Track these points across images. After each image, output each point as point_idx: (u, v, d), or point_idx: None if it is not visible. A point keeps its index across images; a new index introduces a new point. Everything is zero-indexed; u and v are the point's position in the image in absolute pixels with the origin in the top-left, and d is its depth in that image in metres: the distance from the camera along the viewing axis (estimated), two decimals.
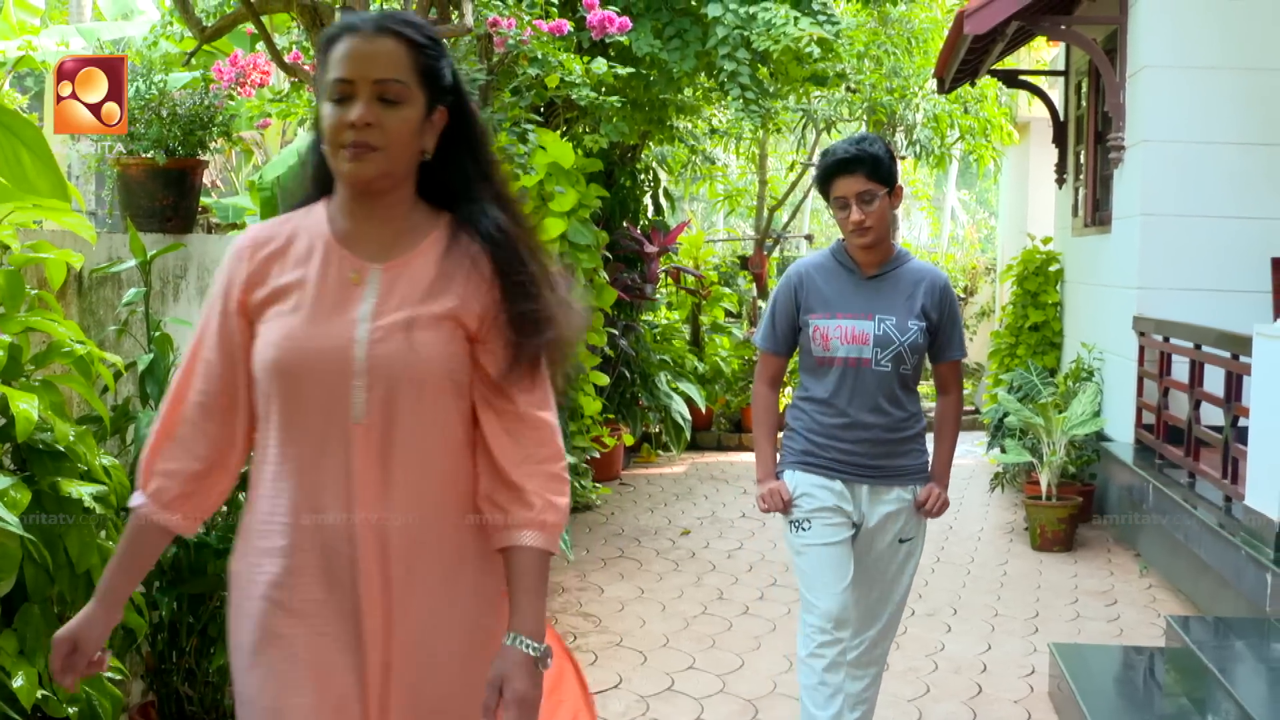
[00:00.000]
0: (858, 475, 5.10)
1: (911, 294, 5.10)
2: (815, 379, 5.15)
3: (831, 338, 5.03)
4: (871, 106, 17.47)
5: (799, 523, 5.13)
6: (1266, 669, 6.55)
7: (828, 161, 4.99)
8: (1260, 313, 10.01)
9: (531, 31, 8.56)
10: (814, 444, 5.13)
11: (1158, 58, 10.80)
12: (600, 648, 7.63)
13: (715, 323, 16.26)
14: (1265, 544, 7.35)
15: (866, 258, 5.09)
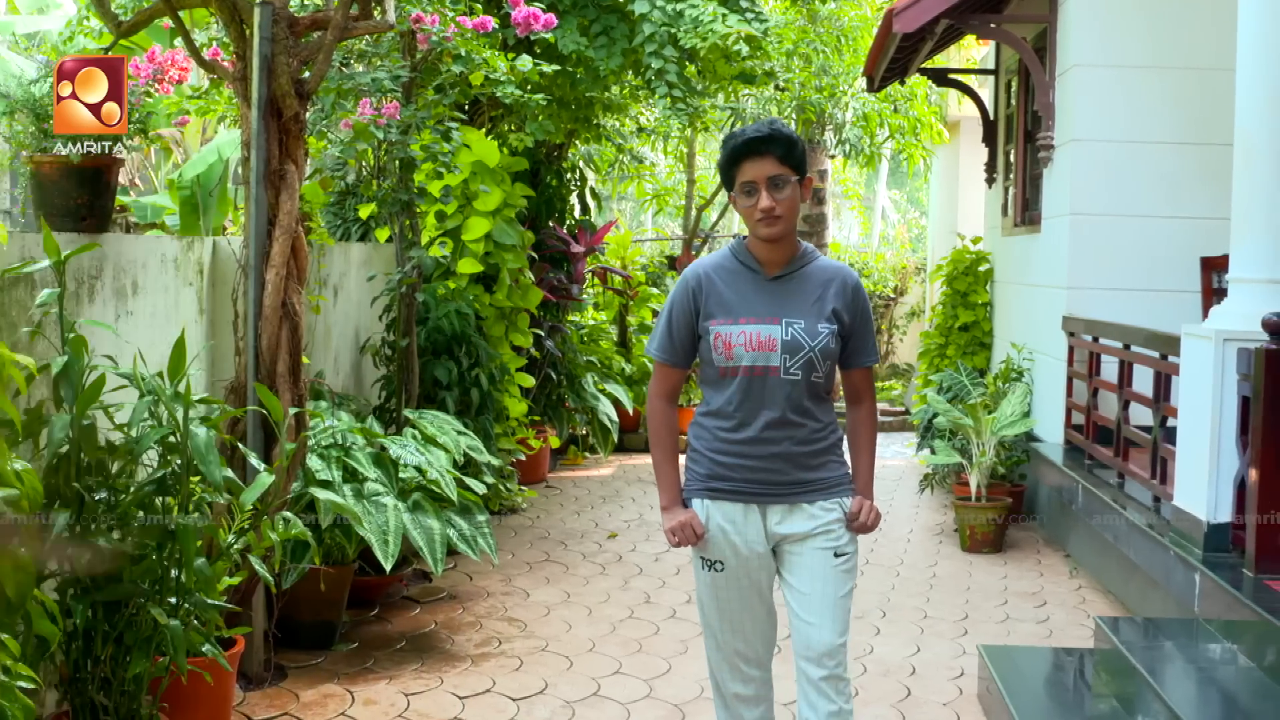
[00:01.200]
0: (772, 496, 4.66)
1: (821, 295, 4.67)
2: (717, 391, 4.69)
3: (735, 345, 4.57)
4: (800, 105, 17.46)
5: (710, 562, 4.72)
6: (1195, 670, 6.51)
7: (736, 142, 4.54)
8: (1189, 312, 10.01)
9: (455, 28, 8.45)
10: (720, 465, 4.67)
11: (1087, 57, 10.79)
12: (526, 653, 7.52)
13: (643, 323, 16.17)
14: (1194, 544, 7.32)
15: (771, 255, 4.65)
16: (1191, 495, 7.48)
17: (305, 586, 7.03)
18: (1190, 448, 7.56)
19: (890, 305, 23.81)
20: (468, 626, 8.00)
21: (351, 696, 6.70)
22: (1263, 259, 7.31)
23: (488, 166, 10.46)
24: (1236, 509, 7.16)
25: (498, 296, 10.92)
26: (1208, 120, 10.27)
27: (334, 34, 6.81)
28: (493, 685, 6.94)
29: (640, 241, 21.04)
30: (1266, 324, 6.79)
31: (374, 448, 7.70)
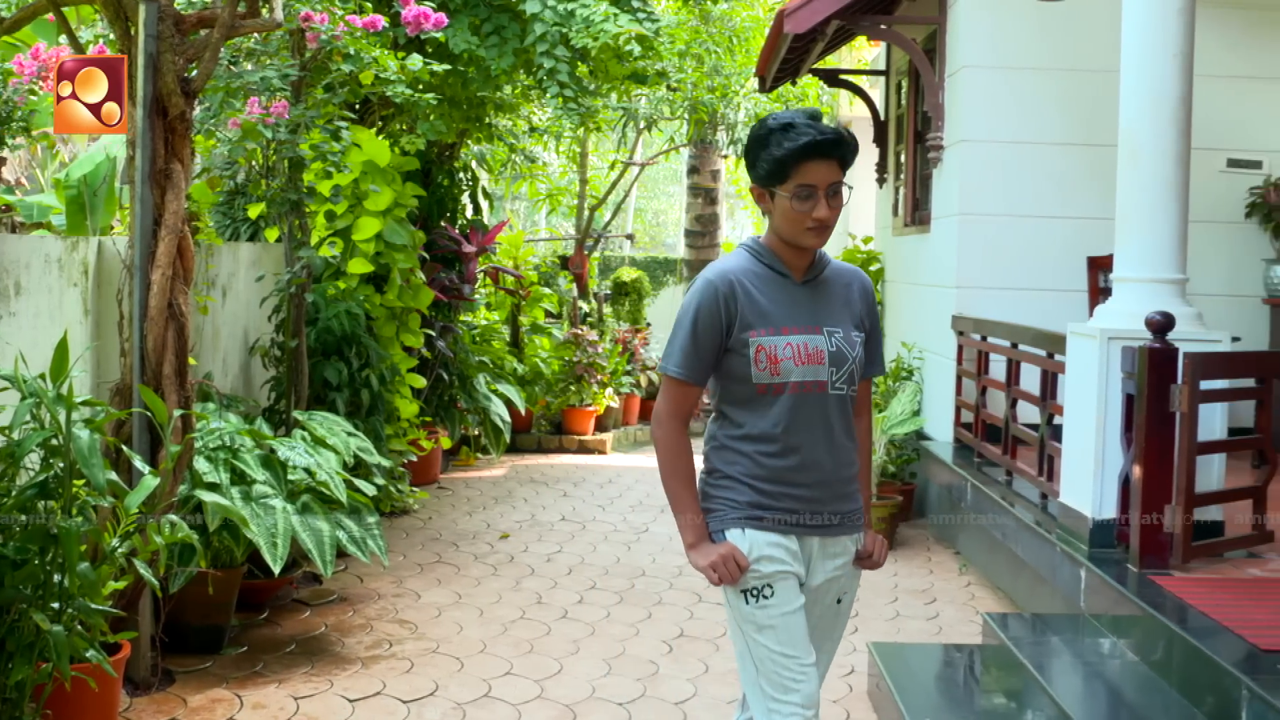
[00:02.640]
0: (812, 528, 4.19)
1: (846, 299, 4.26)
2: (755, 413, 4.14)
3: (782, 359, 4.07)
4: (693, 105, 17.51)
5: (757, 590, 4.13)
6: (1081, 665, 6.58)
7: (804, 140, 4.00)
8: (1077, 311, 10.13)
9: (345, 27, 8.39)
10: (763, 493, 4.14)
11: (976, 58, 10.89)
12: (416, 654, 7.48)
13: (535, 323, 16.16)
14: (1080, 540, 7.40)
15: (798, 258, 4.19)
16: (1077, 492, 7.57)
17: (193, 590, 6.96)
18: (1076, 445, 7.66)
19: None
20: (358, 629, 7.95)
21: (240, 700, 6.63)
22: (1145, 259, 7.42)
23: (378, 166, 10.40)
24: (1121, 506, 7.25)
25: (388, 297, 10.86)
26: (1095, 121, 10.40)
27: (221, 32, 6.75)
28: (383, 688, 6.90)
29: (533, 241, 21.02)
30: (1150, 323, 6.88)
31: (263, 449, 7.64)
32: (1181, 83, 7.41)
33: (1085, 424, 7.48)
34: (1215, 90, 10.54)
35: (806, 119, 4.06)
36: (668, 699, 6.88)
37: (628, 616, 8.42)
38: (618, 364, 16.39)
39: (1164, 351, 6.89)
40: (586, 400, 15.73)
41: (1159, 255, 7.41)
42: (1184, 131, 7.45)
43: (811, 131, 4.01)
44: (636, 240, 31.20)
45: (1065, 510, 7.72)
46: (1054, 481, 8.24)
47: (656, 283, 24.07)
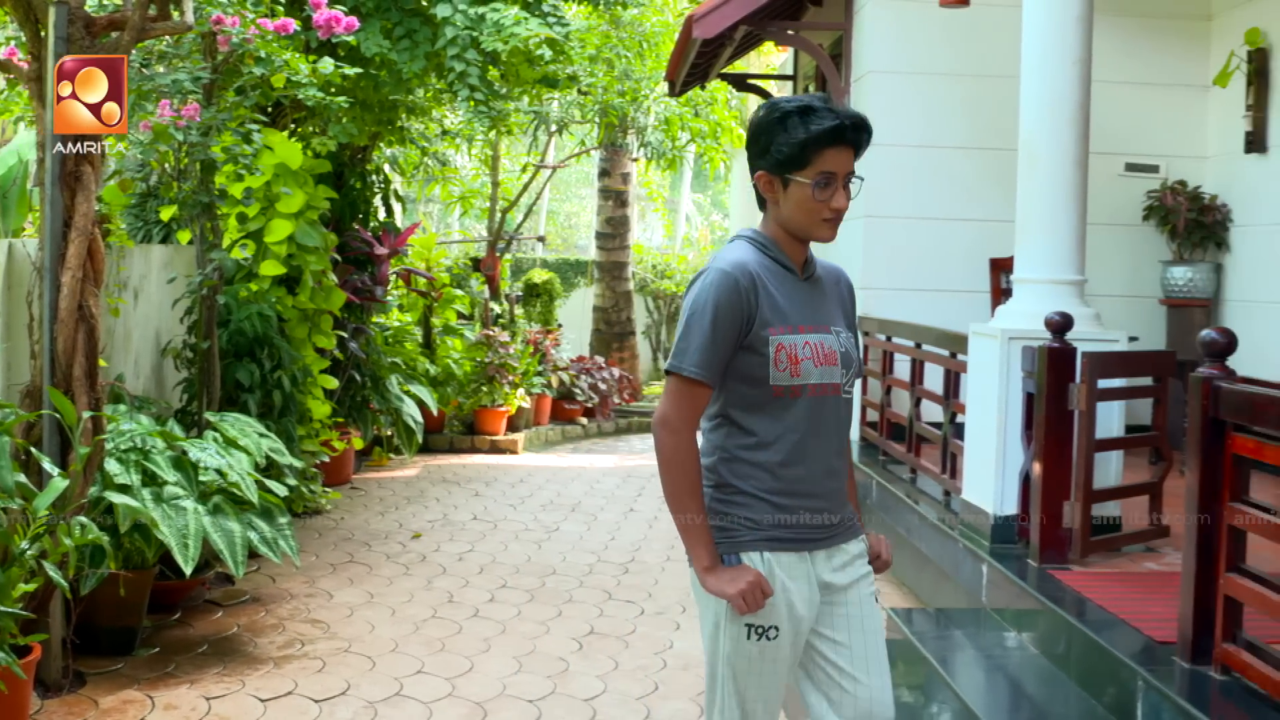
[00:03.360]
0: (821, 541, 3.88)
1: (839, 298, 4.01)
2: (768, 417, 3.78)
3: (802, 359, 3.74)
4: (603, 109, 17.58)
5: (763, 629, 3.80)
6: (983, 658, 6.72)
7: (827, 124, 3.70)
8: (980, 312, 10.29)
9: (256, 30, 8.42)
10: (782, 509, 3.80)
11: (881, 63, 11.05)
12: (328, 654, 7.52)
13: (447, 325, 16.18)
14: (982, 536, 7.55)
15: (799, 254, 3.89)
16: (979, 489, 7.72)
17: (104, 592, 6.96)
18: (978, 443, 7.81)
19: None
20: (270, 629, 7.98)
21: (152, 702, 6.65)
22: (1045, 260, 7.57)
23: (290, 169, 10.42)
24: (1022, 502, 7.41)
25: (300, 298, 10.88)
26: (997, 126, 10.56)
27: (131, 35, 6.77)
28: (295, 687, 6.93)
29: (445, 243, 21.02)
30: (1049, 323, 7.04)
31: (174, 451, 7.65)
32: (1080, 89, 7.57)
33: (987, 422, 7.63)
34: (1114, 96, 10.75)
35: (822, 102, 3.76)
36: (578, 696, 6.96)
37: (538, 614, 8.49)
38: (529, 365, 16.44)
39: (1063, 351, 7.04)
40: (498, 401, 15.78)
41: (1058, 257, 7.57)
42: (1082, 136, 7.61)
43: (835, 115, 3.73)
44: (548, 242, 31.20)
45: (968, 507, 7.87)
46: (957, 479, 8.38)
47: (568, 284, 24.14)
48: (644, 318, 24.08)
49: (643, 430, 18.93)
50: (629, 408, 19.56)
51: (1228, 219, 10.94)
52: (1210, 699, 5.09)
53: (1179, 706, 5.06)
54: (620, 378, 19.26)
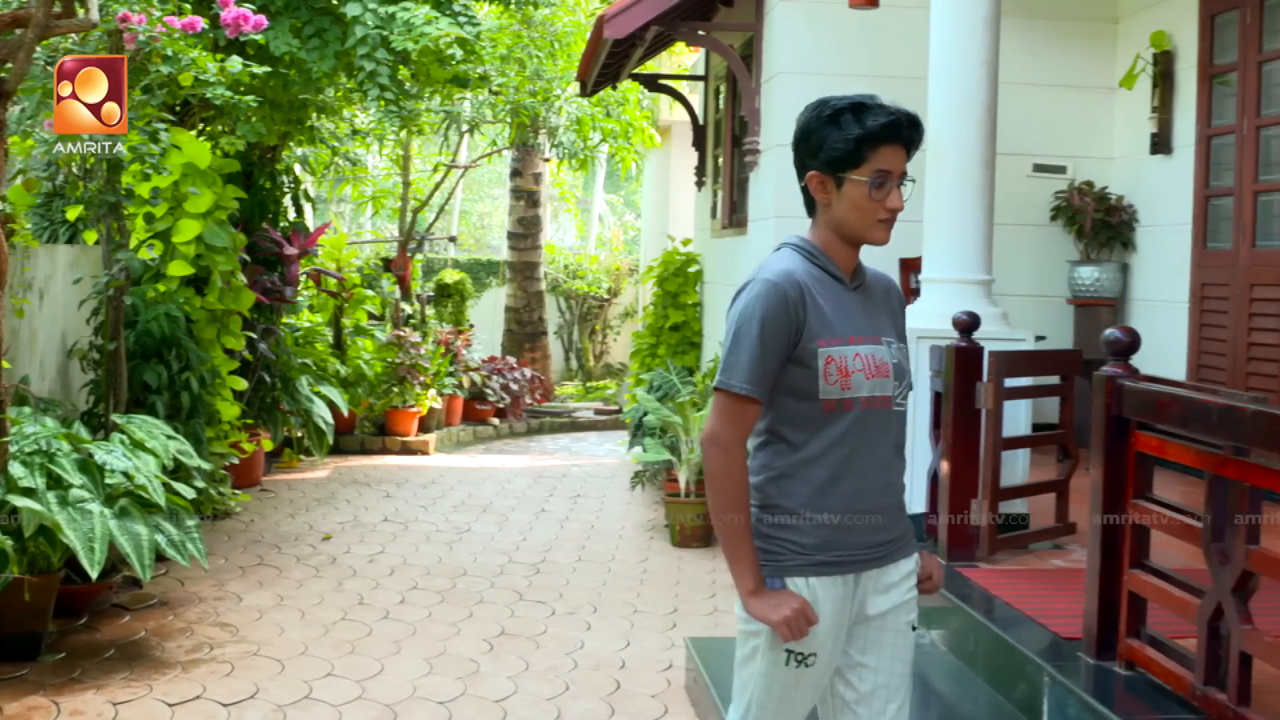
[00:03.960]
0: (869, 560, 3.70)
1: (889, 307, 3.85)
2: (816, 433, 3.62)
3: (853, 371, 3.58)
4: (515, 109, 17.56)
5: (802, 656, 3.64)
6: None
7: (884, 120, 3.61)
8: None
9: (163, 28, 8.35)
10: (830, 530, 3.62)
11: (792, 64, 11.08)
12: (237, 658, 7.47)
13: (358, 325, 16.10)
14: None
15: (849, 260, 3.73)
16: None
17: (8, 596, 6.89)
18: None
19: (604, 306, 24.11)
20: (178, 633, 7.92)
21: (57, 708, 6.58)
22: (952, 260, 7.64)
23: (198, 168, 10.33)
24: (930, 500, 7.47)
25: (209, 299, 10.78)
26: None
27: (35, 32, 6.69)
28: (203, 692, 6.89)
29: (356, 244, 20.94)
30: (957, 323, 7.10)
31: (80, 454, 7.58)
32: (988, 90, 7.64)
33: None
34: (1022, 97, 10.85)
35: (872, 100, 3.68)
36: (488, 697, 6.95)
37: (449, 616, 8.47)
38: (440, 365, 16.40)
39: (970, 350, 7.11)
40: (409, 401, 15.74)
41: (966, 257, 7.64)
42: (990, 137, 7.68)
43: (890, 112, 3.64)
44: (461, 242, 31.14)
45: None
46: None
47: (480, 284, 24.09)
48: (556, 318, 24.08)
49: (555, 430, 18.94)
50: (541, 408, 19.56)
51: (1134, 219, 11.07)
52: (1115, 694, 5.15)
53: (1084, 702, 5.12)
54: (532, 378, 19.25)
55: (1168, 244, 10.54)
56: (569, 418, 19.57)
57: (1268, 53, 9.26)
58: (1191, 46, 10.19)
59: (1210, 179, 9.99)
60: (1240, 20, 9.53)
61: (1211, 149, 9.97)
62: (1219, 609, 4.63)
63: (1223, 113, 9.84)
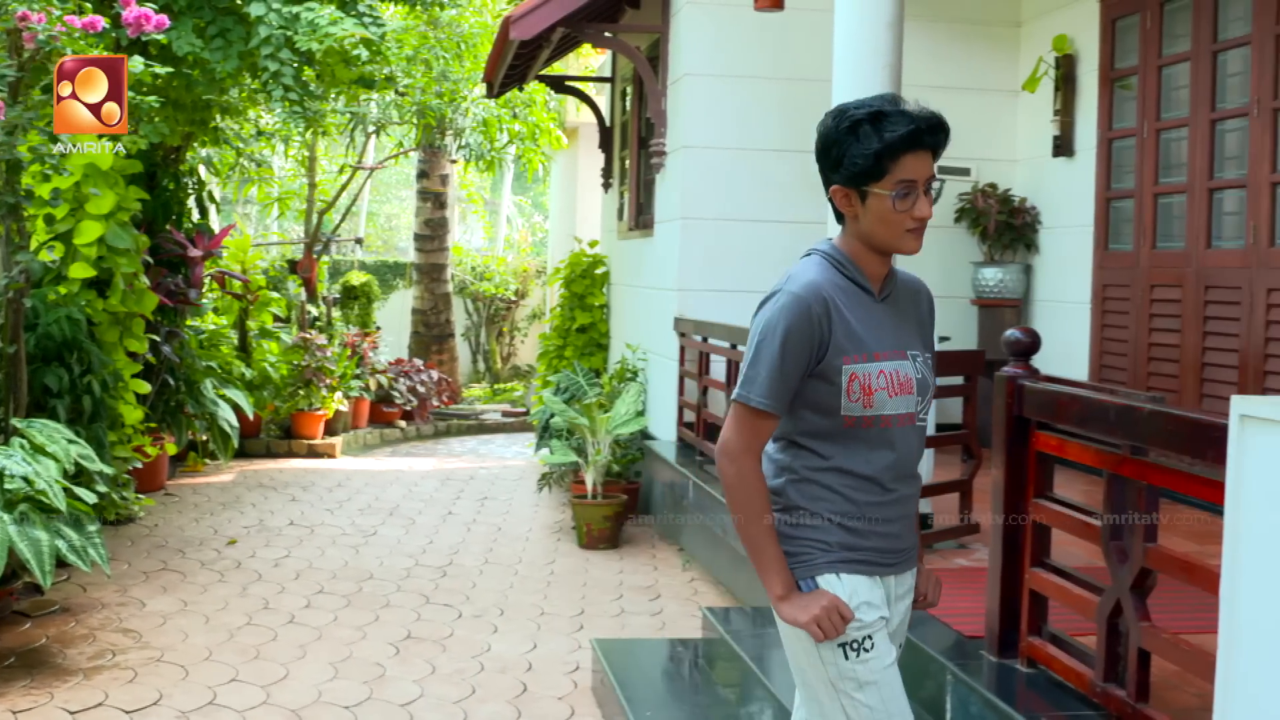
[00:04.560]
0: (892, 566, 3.67)
1: (918, 317, 3.76)
2: (840, 445, 3.56)
3: (876, 389, 3.51)
4: (421, 110, 17.50)
5: (858, 644, 3.54)
6: None
7: (904, 130, 3.42)
8: None
9: (63, 28, 8.25)
10: (854, 532, 3.57)
11: (698, 66, 11.12)
12: (140, 664, 7.40)
13: (263, 328, 15.99)
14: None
15: (879, 269, 3.62)
16: None
17: None
18: None
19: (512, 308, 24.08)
20: (80, 639, 7.84)
21: None
22: None
23: (100, 169, 10.23)
24: None
25: (111, 301, 10.68)
26: (809, 129, 10.61)
27: None
28: (105, 699, 6.82)
29: (261, 245, 20.81)
30: None
31: None
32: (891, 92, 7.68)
33: None
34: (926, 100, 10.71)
35: (892, 105, 3.48)
36: (394, 701, 6.93)
37: (355, 620, 8.43)
38: (347, 368, 16.31)
39: None
40: (315, 404, 15.65)
41: None
42: None
43: (909, 120, 3.44)
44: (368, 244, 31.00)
45: None
46: None
47: (386, 286, 23.99)
48: (463, 320, 24.03)
49: (462, 433, 18.89)
50: (448, 410, 19.50)
51: (1036, 221, 11.18)
52: (1016, 691, 5.20)
53: (986, 700, 5.15)
54: (439, 380, 19.20)
55: (1070, 245, 10.66)
56: (476, 420, 19.53)
57: (1167, 57, 9.38)
58: (1093, 50, 10.31)
59: (1111, 181, 10.11)
60: (1140, 25, 9.66)
61: (1113, 152, 10.09)
62: (1118, 606, 4.68)
63: (1123, 116, 9.97)
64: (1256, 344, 8.34)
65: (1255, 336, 8.34)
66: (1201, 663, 4.19)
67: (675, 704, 6.61)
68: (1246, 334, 8.45)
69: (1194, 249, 9.01)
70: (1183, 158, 9.24)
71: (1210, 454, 3.86)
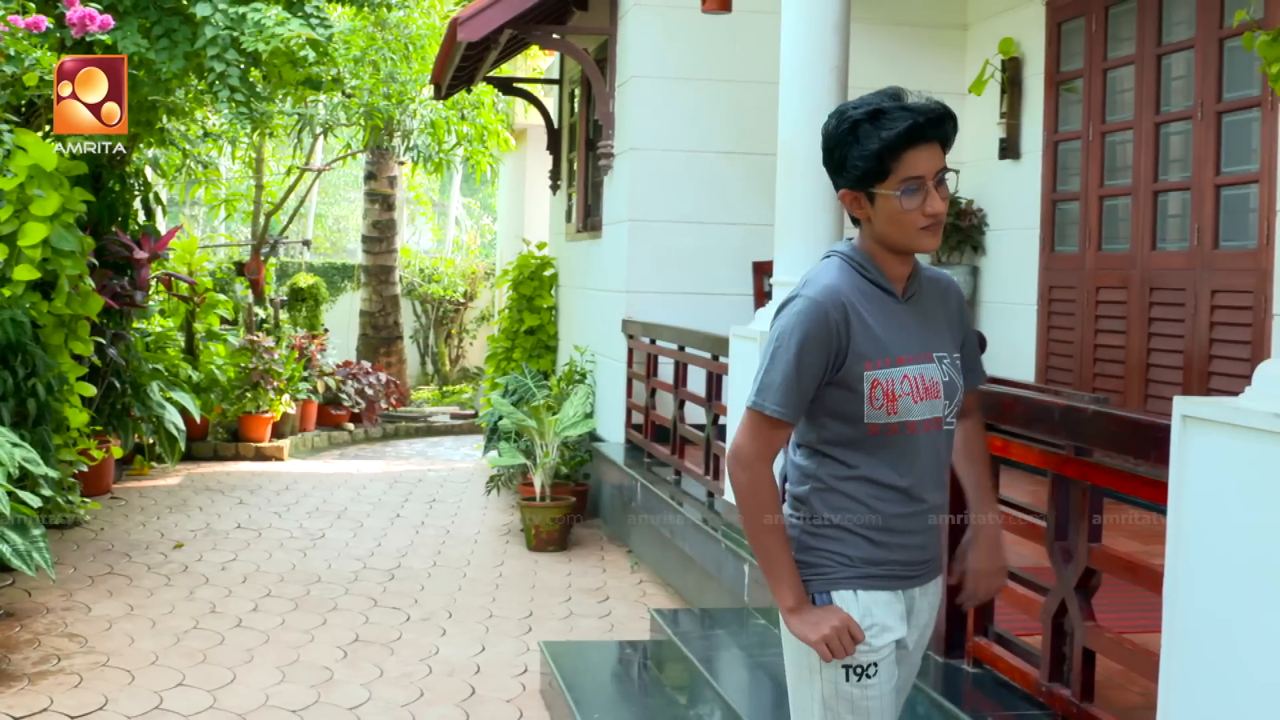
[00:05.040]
0: (915, 577, 3.54)
1: (946, 315, 3.61)
2: (865, 454, 3.41)
3: (900, 395, 3.37)
4: (369, 111, 17.46)
5: (862, 669, 3.42)
6: (744, 656, 6.81)
7: (901, 127, 3.31)
8: (745, 315, 10.43)
9: (6, 27, 8.21)
10: (879, 545, 3.43)
11: (646, 68, 11.13)
12: (85, 669, 7.36)
13: (210, 330, 15.91)
14: (743, 536, 7.63)
15: (901, 269, 3.48)
16: None
17: None
18: None
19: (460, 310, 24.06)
20: (25, 644, 7.78)
21: None
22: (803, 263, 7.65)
23: (45, 170, 10.15)
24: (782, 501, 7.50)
25: (56, 304, 10.60)
26: (758, 131, 10.69)
27: None
28: (50, 704, 6.77)
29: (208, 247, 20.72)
30: None
31: None
32: (838, 95, 7.70)
33: None
34: None
35: (892, 100, 3.37)
36: (342, 705, 6.90)
37: (303, 623, 8.41)
38: (294, 370, 16.26)
39: None
40: (263, 407, 15.60)
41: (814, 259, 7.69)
42: None
43: (908, 114, 3.33)
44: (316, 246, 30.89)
45: (730, 508, 7.97)
46: (719, 480, 8.48)
47: (334, 288, 23.92)
48: (411, 322, 23.99)
49: (410, 435, 18.87)
50: (396, 413, 19.47)
51: (983, 223, 11.24)
52: (963, 691, 5.23)
53: (933, 700, 5.18)
54: (388, 383, 19.15)
55: (1016, 247, 10.71)
56: (425, 422, 19.50)
57: (1112, 60, 9.45)
58: (1039, 53, 10.36)
59: (1057, 184, 10.17)
60: (1086, 28, 9.72)
61: (1058, 154, 10.16)
62: (1063, 606, 4.71)
63: (1069, 119, 10.03)
64: (1200, 345, 8.40)
65: (1199, 338, 8.40)
66: (1145, 662, 4.22)
67: (623, 706, 6.61)
68: (1190, 335, 8.51)
69: (1139, 251, 9.07)
70: (1127, 160, 9.31)
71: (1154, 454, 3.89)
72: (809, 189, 7.65)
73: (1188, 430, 3.44)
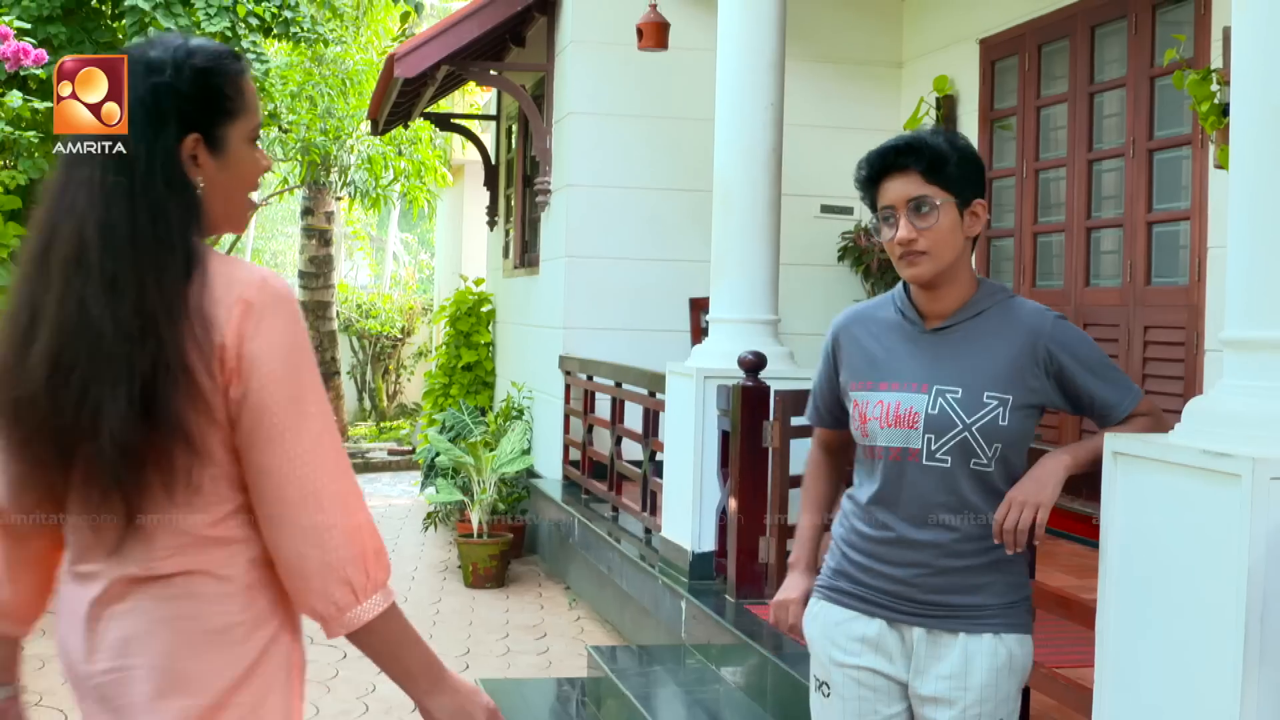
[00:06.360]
0: (907, 614, 3.39)
1: (997, 353, 3.38)
2: (864, 474, 3.50)
3: (870, 418, 3.40)
4: (306, 147, 17.42)
5: (820, 682, 3.50)
6: (682, 693, 6.80)
7: (869, 156, 3.43)
8: (681, 351, 10.40)
9: None
10: (849, 563, 3.46)
11: (582, 105, 11.14)
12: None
13: None
14: (680, 573, 7.64)
15: (933, 303, 3.43)
16: (678, 526, 7.81)
17: None
18: (676, 481, 7.91)
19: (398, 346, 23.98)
20: None
21: None
22: (738, 300, 7.72)
23: None
24: (719, 538, 7.51)
25: None
26: (694, 168, 10.70)
27: None
28: None
29: None
30: (742, 362, 7.16)
31: None
32: (773, 133, 7.74)
33: (684, 460, 7.73)
34: (809, 140, 10.99)
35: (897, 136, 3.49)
36: None
37: None
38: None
39: (756, 390, 7.17)
40: None
41: (752, 297, 7.71)
42: (776, 179, 7.78)
43: (869, 156, 3.43)
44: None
45: (667, 544, 7.96)
46: (657, 516, 8.47)
47: None
48: (349, 358, 23.88)
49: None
50: None
51: None
52: None
53: None
54: None
55: None
56: (362, 459, 19.42)
57: (1045, 98, 9.52)
58: (973, 91, 10.43)
59: (991, 220, 10.22)
60: (1019, 66, 9.80)
61: (993, 191, 10.21)
62: None
63: (1003, 155, 10.09)
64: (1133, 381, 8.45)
65: (1132, 373, 8.46)
66: (1078, 697, 4.24)
67: None
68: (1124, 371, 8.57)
69: (1072, 287, 9.14)
70: (1061, 197, 9.38)
71: (1085, 490, 3.91)
72: (744, 225, 7.68)
73: (1119, 466, 3.46)
